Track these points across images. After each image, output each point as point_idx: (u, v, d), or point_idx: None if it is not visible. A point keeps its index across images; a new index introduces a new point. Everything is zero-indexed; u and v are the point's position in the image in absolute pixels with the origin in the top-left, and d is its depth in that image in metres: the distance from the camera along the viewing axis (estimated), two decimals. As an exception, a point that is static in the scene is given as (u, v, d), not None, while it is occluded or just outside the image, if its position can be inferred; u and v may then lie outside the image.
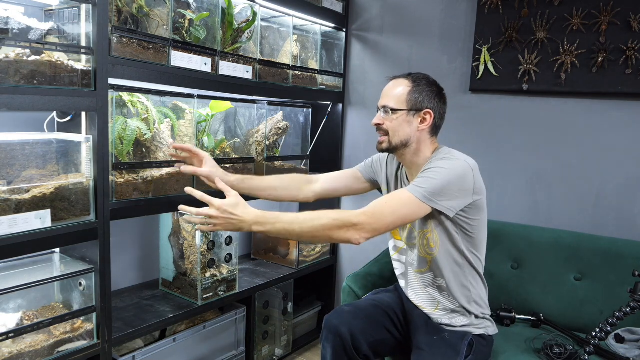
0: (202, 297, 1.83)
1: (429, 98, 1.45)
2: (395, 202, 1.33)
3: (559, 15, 1.92)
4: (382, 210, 1.31)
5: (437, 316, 1.49)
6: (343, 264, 2.62)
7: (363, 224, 1.27)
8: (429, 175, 1.35)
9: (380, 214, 1.30)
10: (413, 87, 1.44)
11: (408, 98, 1.43)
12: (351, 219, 1.27)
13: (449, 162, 1.38)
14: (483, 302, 1.51)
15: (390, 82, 1.50)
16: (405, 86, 1.45)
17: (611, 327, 1.52)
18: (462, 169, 1.37)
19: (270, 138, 2.11)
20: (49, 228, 1.31)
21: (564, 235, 1.84)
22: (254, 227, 1.30)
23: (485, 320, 1.51)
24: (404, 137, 1.44)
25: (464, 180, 1.36)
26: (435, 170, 1.35)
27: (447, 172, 1.34)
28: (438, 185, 1.33)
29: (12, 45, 1.20)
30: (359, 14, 2.46)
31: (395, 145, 1.46)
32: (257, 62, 1.93)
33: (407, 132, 1.44)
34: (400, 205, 1.32)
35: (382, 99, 1.48)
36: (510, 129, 2.08)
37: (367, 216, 1.28)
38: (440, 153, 1.46)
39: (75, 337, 1.43)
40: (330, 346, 1.41)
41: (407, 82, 1.46)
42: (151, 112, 1.63)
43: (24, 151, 1.33)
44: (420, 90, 1.44)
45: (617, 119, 1.87)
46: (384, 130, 1.46)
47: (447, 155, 1.42)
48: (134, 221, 1.95)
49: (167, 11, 1.60)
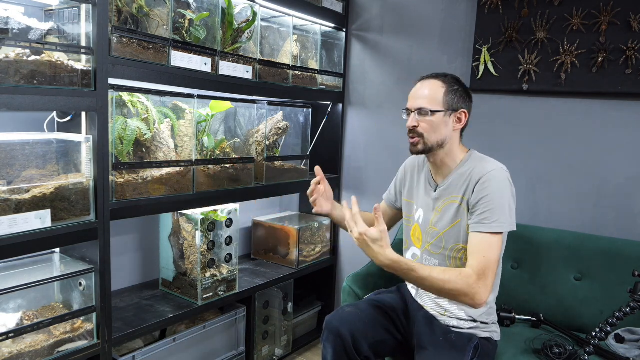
0: (202, 297, 1.83)
1: (463, 98, 1.47)
2: (492, 250, 1.34)
3: (559, 15, 1.92)
4: (490, 267, 1.32)
5: (445, 319, 1.49)
6: (343, 264, 2.62)
7: (481, 293, 1.29)
8: (494, 207, 1.35)
9: (490, 271, 1.32)
10: (447, 87, 1.45)
11: (445, 99, 1.43)
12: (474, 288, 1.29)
13: (496, 182, 1.38)
14: (492, 309, 1.52)
15: (419, 84, 1.49)
16: (438, 87, 1.45)
17: (611, 327, 1.52)
18: (509, 183, 1.39)
19: (270, 138, 2.11)
20: (49, 228, 1.31)
21: (564, 235, 1.84)
22: (387, 269, 1.33)
23: (493, 325, 1.51)
24: (441, 137, 1.45)
25: (514, 193, 1.41)
26: (491, 197, 1.36)
27: (505, 195, 1.36)
28: (502, 209, 1.35)
29: (12, 45, 1.21)
30: (359, 14, 2.46)
31: (431, 146, 1.45)
32: (257, 62, 1.93)
33: (444, 133, 1.45)
34: (497, 249, 1.35)
35: (416, 101, 1.46)
36: (510, 129, 2.08)
37: (482, 283, 1.30)
38: (473, 157, 1.48)
39: (75, 337, 1.43)
40: (331, 347, 1.41)
41: (441, 83, 1.45)
42: (151, 112, 1.63)
43: (24, 151, 1.33)
44: (454, 91, 1.45)
45: (617, 119, 1.87)
46: (418, 132, 1.45)
47: (480, 160, 1.45)
48: (134, 221, 1.96)
49: (167, 11, 1.60)
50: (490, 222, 1.35)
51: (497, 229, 1.35)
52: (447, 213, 1.47)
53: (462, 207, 1.44)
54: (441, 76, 1.48)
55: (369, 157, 2.49)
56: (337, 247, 2.61)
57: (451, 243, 1.46)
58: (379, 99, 2.43)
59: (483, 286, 1.31)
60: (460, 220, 1.44)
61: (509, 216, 1.36)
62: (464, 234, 1.43)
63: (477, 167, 1.43)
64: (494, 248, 1.34)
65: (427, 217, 1.53)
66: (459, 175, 1.46)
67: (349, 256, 2.60)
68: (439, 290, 1.32)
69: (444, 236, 1.47)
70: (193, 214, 1.82)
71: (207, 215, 1.83)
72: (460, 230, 1.44)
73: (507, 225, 1.36)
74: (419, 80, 1.51)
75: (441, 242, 1.48)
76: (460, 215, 1.44)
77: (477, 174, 1.41)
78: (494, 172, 1.39)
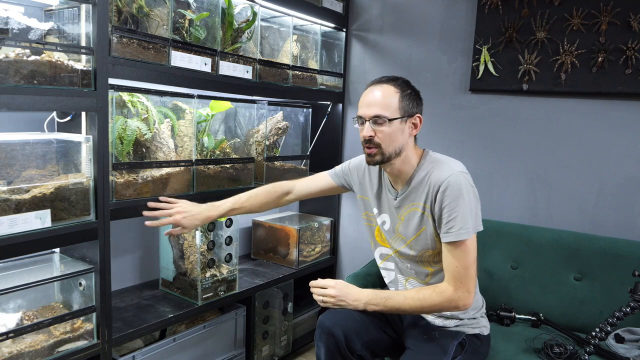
0: (202, 297, 1.83)
1: (416, 102, 1.42)
2: (463, 256, 1.35)
3: (559, 15, 1.92)
4: (465, 273, 1.35)
5: (431, 318, 1.50)
6: (343, 264, 2.62)
7: (464, 299, 1.35)
8: (456, 215, 1.34)
9: (466, 277, 1.35)
10: (401, 92, 1.38)
11: (400, 105, 1.37)
12: (454, 299, 1.34)
13: (456, 188, 1.35)
14: (477, 303, 1.52)
15: (370, 89, 1.41)
16: (393, 92, 1.37)
17: (611, 327, 1.52)
18: (468, 185, 1.38)
19: (270, 138, 2.11)
20: (49, 228, 1.31)
21: (564, 235, 1.84)
22: (368, 307, 1.42)
23: (481, 319, 1.51)
24: (398, 146, 1.39)
25: (475, 193, 1.40)
26: (452, 206, 1.35)
27: (465, 199, 1.35)
28: (470, 214, 1.35)
29: (12, 45, 1.20)
30: (359, 14, 2.46)
31: (389, 155, 1.39)
32: (257, 62, 1.93)
33: (401, 141, 1.39)
34: (469, 254, 1.36)
35: (370, 109, 1.37)
36: (510, 129, 2.08)
37: (462, 290, 1.34)
38: (428, 159, 1.44)
39: (75, 337, 1.43)
40: (323, 345, 1.41)
41: (394, 88, 1.38)
42: (151, 112, 1.63)
43: (24, 151, 1.33)
44: (408, 95, 1.39)
45: (617, 119, 1.87)
46: (375, 142, 1.37)
47: (435, 163, 1.42)
48: (134, 221, 1.94)
49: (167, 11, 1.60)
50: (457, 231, 1.34)
51: (464, 236, 1.34)
52: (411, 221, 1.46)
53: (425, 215, 1.42)
54: (392, 80, 1.40)
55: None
56: (337, 247, 2.61)
57: (420, 249, 1.46)
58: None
59: (463, 292, 1.34)
60: (425, 228, 1.43)
61: (473, 220, 1.35)
62: (431, 241, 1.43)
63: (434, 172, 1.40)
64: (466, 253, 1.35)
65: (393, 224, 1.52)
66: (417, 182, 1.43)
67: (348, 256, 2.60)
68: (419, 310, 1.38)
69: (411, 244, 1.48)
70: (193, 214, 1.82)
71: (207, 215, 1.83)
72: (427, 237, 1.43)
73: (472, 229, 1.35)
74: (369, 85, 1.42)
75: (410, 249, 1.49)
76: (425, 223, 1.43)
77: (435, 180, 1.38)
78: (451, 177, 1.35)
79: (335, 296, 1.44)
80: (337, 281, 1.47)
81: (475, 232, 1.37)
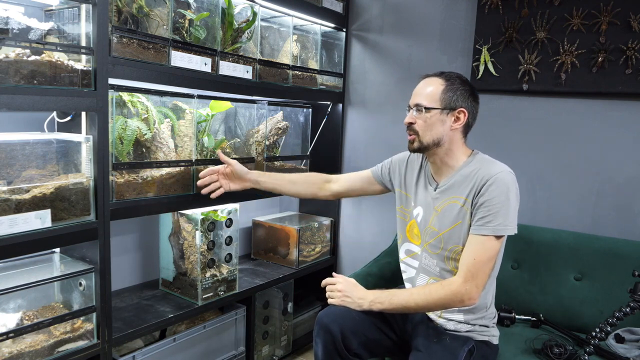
0: (202, 297, 1.83)
1: (463, 97, 1.43)
2: (485, 252, 1.35)
3: (559, 15, 1.92)
4: (480, 268, 1.35)
5: (442, 322, 1.49)
6: (343, 264, 2.62)
7: (470, 293, 1.35)
8: (499, 210, 1.35)
9: (479, 272, 1.35)
10: (447, 85, 1.43)
11: (442, 96, 1.42)
12: (460, 292, 1.35)
13: (503, 184, 1.37)
14: (492, 312, 1.51)
15: (421, 81, 1.48)
16: (438, 84, 1.43)
17: (611, 327, 1.52)
18: (515, 186, 1.39)
19: (270, 138, 2.11)
20: (49, 228, 1.31)
21: (564, 235, 1.84)
22: (373, 306, 1.43)
23: (492, 329, 1.50)
24: (436, 136, 1.43)
25: (518, 196, 1.41)
26: (497, 200, 1.35)
27: (511, 197, 1.36)
28: (507, 212, 1.35)
29: (12, 45, 1.20)
30: (359, 14, 2.46)
31: (426, 144, 1.44)
32: (257, 62, 1.93)
33: (440, 131, 1.43)
34: (491, 252, 1.36)
35: (414, 98, 1.46)
36: (510, 129, 2.08)
37: (471, 284, 1.35)
38: (478, 158, 1.47)
39: (75, 337, 1.43)
40: (321, 342, 1.42)
41: (441, 81, 1.44)
42: (151, 112, 1.63)
43: (24, 151, 1.33)
44: (454, 89, 1.43)
45: (617, 119, 1.87)
46: (414, 129, 1.45)
47: (485, 161, 1.44)
48: (134, 221, 1.95)
49: (167, 11, 1.60)
50: (493, 225, 1.35)
51: (500, 232, 1.35)
52: (447, 214, 1.46)
53: (464, 208, 1.42)
54: (444, 73, 1.46)
55: (369, 157, 2.48)
56: (337, 247, 2.61)
57: (450, 244, 1.45)
58: (378, 99, 2.43)
59: (471, 286, 1.34)
60: (462, 223, 1.43)
61: (512, 219, 1.36)
62: (464, 236, 1.42)
63: (483, 168, 1.42)
64: (488, 250, 1.35)
65: (427, 216, 1.52)
66: (463, 176, 1.44)
67: (348, 256, 2.60)
68: (425, 305, 1.39)
69: (443, 237, 1.46)
70: (193, 214, 1.82)
71: (207, 215, 1.83)
72: (461, 232, 1.43)
73: (510, 228, 1.36)
74: (423, 78, 1.49)
75: (440, 242, 1.48)
76: (462, 217, 1.43)
77: (482, 175, 1.40)
78: (501, 174, 1.38)
79: (341, 290, 1.48)
80: (347, 278, 1.53)
81: (510, 234, 1.37)
